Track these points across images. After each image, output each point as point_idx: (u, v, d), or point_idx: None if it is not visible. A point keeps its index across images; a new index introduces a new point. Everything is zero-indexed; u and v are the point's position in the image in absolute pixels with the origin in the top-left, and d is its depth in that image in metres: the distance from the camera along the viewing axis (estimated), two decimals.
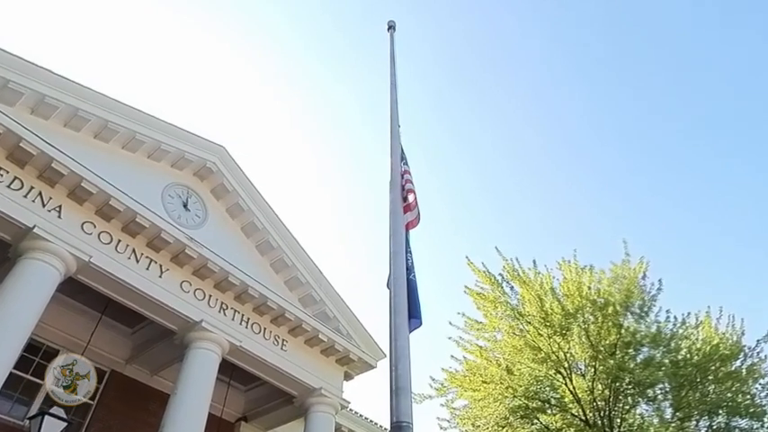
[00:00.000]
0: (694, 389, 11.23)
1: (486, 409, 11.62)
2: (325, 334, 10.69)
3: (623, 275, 12.33)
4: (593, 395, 11.44)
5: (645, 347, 11.86)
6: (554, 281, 12.45)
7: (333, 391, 10.82)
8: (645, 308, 12.17)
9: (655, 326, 12.18)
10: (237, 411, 11.93)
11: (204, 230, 9.86)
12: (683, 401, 11.30)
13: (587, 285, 12.03)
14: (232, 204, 10.70)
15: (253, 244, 10.97)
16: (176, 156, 9.87)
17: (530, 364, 11.81)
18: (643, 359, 11.66)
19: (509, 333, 12.31)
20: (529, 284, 12.27)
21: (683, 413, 11.39)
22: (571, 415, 11.57)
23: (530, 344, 11.84)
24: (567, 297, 11.98)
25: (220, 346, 9.14)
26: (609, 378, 11.25)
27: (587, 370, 11.83)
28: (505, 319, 12.38)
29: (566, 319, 11.60)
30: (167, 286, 8.81)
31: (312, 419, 10.46)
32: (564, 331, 11.62)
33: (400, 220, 4.58)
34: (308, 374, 10.52)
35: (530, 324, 11.91)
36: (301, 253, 11.24)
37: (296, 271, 11.11)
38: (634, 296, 12.08)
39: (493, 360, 12.20)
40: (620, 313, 11.79)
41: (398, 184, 4.99)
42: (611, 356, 11.29)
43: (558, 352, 11.68)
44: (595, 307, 11.67)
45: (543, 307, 11.82)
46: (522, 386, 11.55)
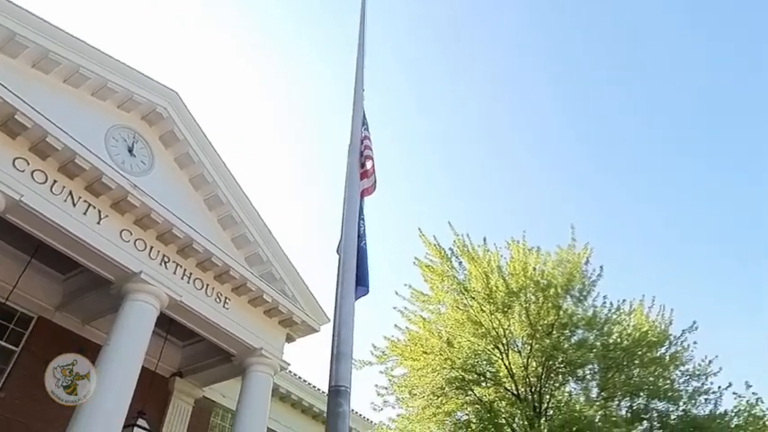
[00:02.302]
0: (620, 371, 11.82)
1: (424, 379, 11.85)
2: (269, 295, 10.53)
3: (567, 259, 12.70)
4: (526, 371, 11.86)
5: (580, 330, 12.34)
6: (501, 259, 12.70)
7: (273, 352, 10.75)
8: (584, 292, 12.63)
9: (591, 310, 12.68)
10: (173, 366, 11.71)
11: (149, 179, 9.39)
12: (608, 382, 11.89)
13: (533, 266, 12.33)
14: (182, 154, 10.23)
15: (201, 197, 10.58)
16: (124, 96, 9.27)
17: (470, 338, 12.09)
18: (577, 340, 12.14)
19: (453, 307, 12.52)
20: (477, 261, 12.45)
21: (607, 393, 12.01)
22: (504, 389, 11.97)
23: (472, 319, 12.09)
24: (513, 276, 12.25)
25: (159, 299, 8.84)
26: (543, 356, 11.67)
27: (524, 347, 12.23)
28: (451, 293, 12.56)
29: (509, 297, 11.87)
30: (106, 234, 8.38)
31: (250, 379, 10.38)
32: (506, 309, 11.91)
33: (356, 186, 4.44)
34: (248, 334, 10.39)
35: (474, 300, 12.14)
36: (251, 211, 10.94)
37: (244, 229, 10.83)
38: (575, 280, 12.49)
39: (435, 332, 12.40)
40: (560, 295, 12.18)
41: (357, 149, 4.82)
42: (548, 336, 11.70)
43: (498, 328, 11.99)
44: (538, 288, 11.99)
45: (488, 284, 12.04)
46: (461, 359, 11.82)
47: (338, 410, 2.83)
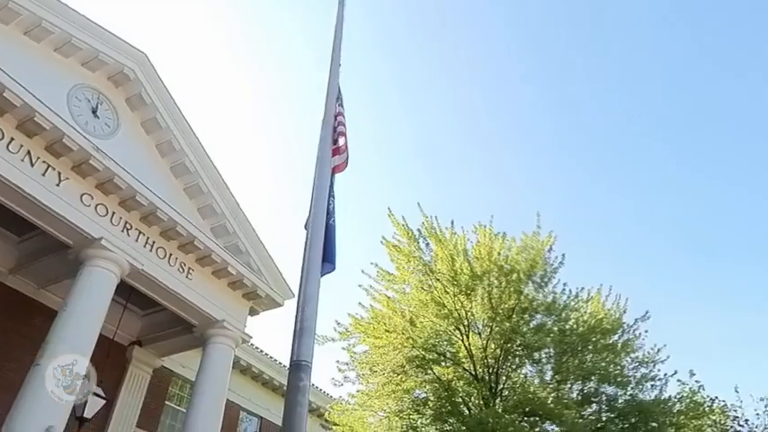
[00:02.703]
0: (575, 356, 12.22)
1: (386, 357, 12.01)
2: (234, 267, 10.43)
3: (532, 246, 12.94)
4: (485, 353, 12.14)
5: (539, 315, 12.66)
6: (468, 243, 12.85)
7: (235, 325, 10.70)
8: (545, 278, 12.92)
9: (551, 296, 13.01)
10: (131, 335, 11.53)
11: (114, 142, 9.09)
12: (562, 366, 12.29)
13: (498, 251, 12.53)
14: (149, 119, 9.92)
15: (167, 165, 10.32)
16: (89, 54, 8.88)
17: (432, 318, 12.27)
18: (535, 325, 12.46)
19: (418, 287, 12.65)
20: (444, 243, 12.58)
21: (561, 376, 12.42)
22: (463, 369, 12.25)
23: (435, 300, 12.26)
24: (478, 260, 12.43)
25: (120, 266, 8.64)
26: (502, 339, 11.96)
27: (484, 329, 12.50)
28: (416, 273, 12.68)
29: (473, 280, 12.07)
30: (65, 196, 8.11)
31: (211, 350, 10.32)
32: (469, 291, 12.11)
33: (327, 162, 4.40)
34: (211, 305, 10.29)
35: (438, 281, 12.29)
36: (219, 181, 10.75)
37: (211, 199, 10.65)
38: (538, 266, 12.76)
39: (398, 311, 12.53)
40: (522, 281, 12.44)
41: (330, 124, 4.75)
42: (508, 319, 11.97)
43: (460, 310, 12.20)
44: (501, 272, 12.21)
45: (454, 266, 12.20)
46: (422, 338, 12.01)
47: (299, 384, 2.84)
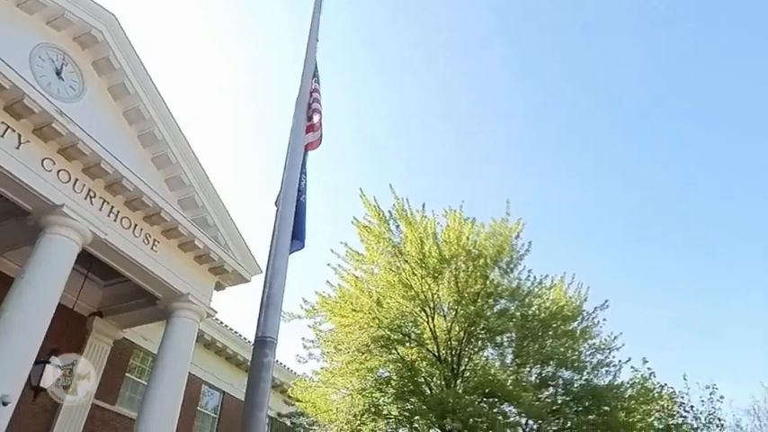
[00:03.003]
0: (535, 341, 12.57)
1: (351, 335, 12.11)
2: (201, 241, 10.28)
3: (500, 232, 13.15)
4: (449, 335, 12.37)
5: (503, 300, 12.94)
6: (437, 227, 12.97)
7: (200, 299, 10.58)
8: (511, 265, 13.19)
9: (516, 282, 13.30)
10: (92, 305, 11.29)
11: (79, 106, 8.77)
12: (523, 350, 12.64)
13: (466, 236, 12.69)
14: (116, 84, 9.58)
15: (135, 133, 10.02)
16: (54, 11, 8.49)
17: (399, 299, 12.40)
18: (499, 310, 12.75)
19: (386, 268, 12.74)
20: (414, 226, 12.67)
21: (521, 360, 12.78)
22: (426, 350, 12.46)
23: (403, 281, 12.37)
24: (446, 244, 12.57)
25: (81, 235, 8.40)
26: (466, 322, 12.19)
27: (449, 312, 12.71)
28: (385, 254, 12.75)
29: (440, 263, 12.21)
30: (25, 160, 7.81)
31: (174, 324, 10.20)
32: (436, 274, 12.27)
33: (300, 139, 4.34)
34: (176, 278, 10.14)
35: (407, 263, 12.40)
36: (188, 152, 10.52)
37: (180, 170, 10.41)
38: (504, 253, 13.00)
39: (366, 291, 12.62)
40: (488, 266, 12.66)
41: (305, 101, 4.68)
42: (473, 303, 12.20)
43: (426, 292, 12.36)
44: (469, 257, 12.40)
45: (422, 249, 12.31)
46: (388, 319, 12.14)
47: (263, 360, 2.84)
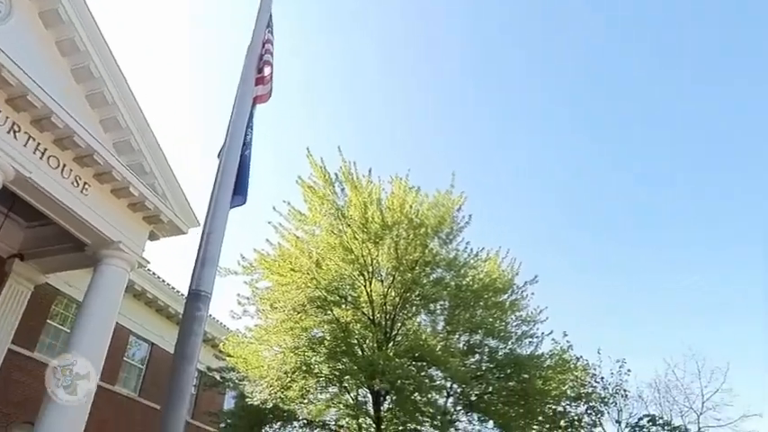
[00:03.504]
0: (466, 310, 13.06)
1: (288, 294, 12.11)
2: (136, 188, 9.84)
3: (442, 203, 13.40)
4: (385, 300, 12.63)
5: (440, 269, 13.30)
6: (382, 193, 13.04)
7: (132, 248, 10.21)
8: (451, 236, 13.52)
9: (453, 253, 13.68)
10: (12, 247, 10.66)
11: (4, 30, 8.03)
12: (454, 318, 13.12)
13: (410, 204, 12.84)
14: (49, 9, 8.82)
15: (68, 66, 9.33)
16: None
17: (339, 262, 12.48)
18: (435, 278, 13.10)
19: (328, 230, 12.74)
20: (359, 190, 12.66)
21: (451, 328, 13.28)
22: (362, 313, 12.68)
23: (344, 244, 12.43)
24: (389, 210, 12.69)
25: (2, 170, 7.83)
26: (403, 288, 12.47)
27: (387, 277, 12.94)
28: (328, 216, 12.73)
29: (382, 229, 12.34)
30: None
31: (102, 272, 9.81)
32: (377, 240, 12.40)
33: (249, 91, 4.18)
34: (107, 225, 9.70)
35: (349, 227, 12.44)
36: (127, 93, 9.93)
37: (116, 111, 9.83)
38: (445, 224, 13.29)
39: (306, 252, 12.59)
40: (429, 235, 12.93)
41: (257, 52, 4.49)
42: (411, 271, 12.46)
43: (366, 257, 12.50)
44: (411, 225, 12.58)
45: (366, 214, 12.37)
46: (326, 280, 12.21)
47: (196, 314, 2.80)
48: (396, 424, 12.06)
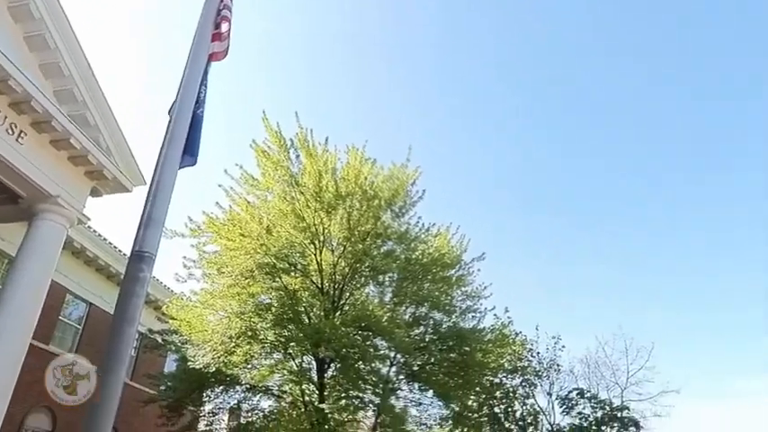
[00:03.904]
0: (414, 283, 13.31)
1: (236, 260, 11.94)
2: (78, 140, 9.34)
3: (397, 177, 13.45)
4: (335, 269, 12.67)
5: (390, 241, 13.44)
6: (338, 162, 12.94)
7: (72, 203, 9.74)
8: (404, 209, 13.64)
9: (405, 226, 13.83)
10: None
11: None
12: (401, 291, 13.35)
13: (365, 176, 12.81)
14: None
15: (4, 4, 8.63)
16: None
17: (290, 229, 12.37)
18: (385, 251, 13.24)
19: (280, 197, 12.57)
20: (314, 158, 12.51)
21: (398, 299, 13.51)
22: (310, 281, 12.69)
23: (296, 212, 12.32)
24: (344, 180, 12.63)
25: None
26: (353, 259, 12.54)
27: (338, 247, 12.96)
28: (281, 183, 12.55)
29: (336, 199, 12.29)
30: None
31: (38, 227, 9.34)
32: (330, 209, 12.35)
33: (205, 47, 4.00)
34: (44, 178, 9.20)
35: (302, 194, 12.32)
36: (70, 36, 9.30)
37: (58, 56, 9.22)
38: (399, 197, 13.37)
39: (256, 217, 12.40)
40: (382, 208, 12.99)
41: (215, 6, 4.30)
42: (362, 242, 12.53)
43: (318, 226, 12.45)
44: (364, 197, 12.59)
45: (320, 183, 12.27)
46: (276, 247, 12.10)
47: (138, 275, 2.72)
48: (339, 391, 12.28)
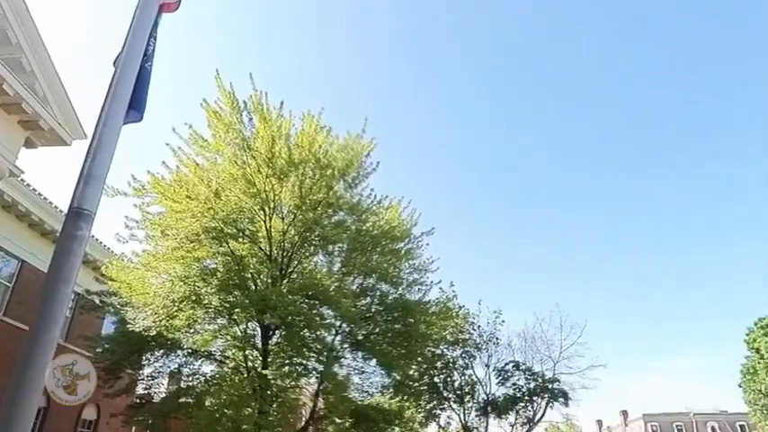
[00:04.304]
0: (363, 254, 13.41)
1: (182, 222, 11.59)
2: (11, 86, 8.71)
3: (352, 147, 13.36)
4: (284, 237, 12.55)
5: (342, 212, 13.42)
6: (292, 129, 12.69)
7: (3, 153, 9.14)
8: (357, 180, 13.61)
9: (357, 197, 13.84)
10: None
11: None
12: (350, 261, 13.43)
13: (319, 144, 12.64)
14: None
15: None
16: None
17: (240, 194, 12.10)
18: (336, 220, 13.22)
19: (231, 160, 12.24)
20: (268, 122, 12.20)
21: (346, 270, 13.59)
22: (259, 248, 12.53)
23: (247, 177, 12.04)
24: (298, 147, 12.41)
25: None
26: (303, 227, 12.44)
27: (288, 215, 12.82)
28: (233, 146, 12.20)
29: (288, 166, 12.08)
30: None
31: None
32: (282, 176, 12.15)
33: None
34: None
35: (254, 159, 12.03)
36: None
37: None
38: (353, 168, 13.31)
39: (205, 180, 12.04)
40: (335, 177, 12.90)
41: None
42: (313, 210, 12.43)
43: (269, 192, 12.24)
44: (318, 165, 12.44)
45: (273, 148, 12.00)
46: (225, 212, 11.81)
47: (76, 233, 2.59)
48: (282, 358, 12.32)
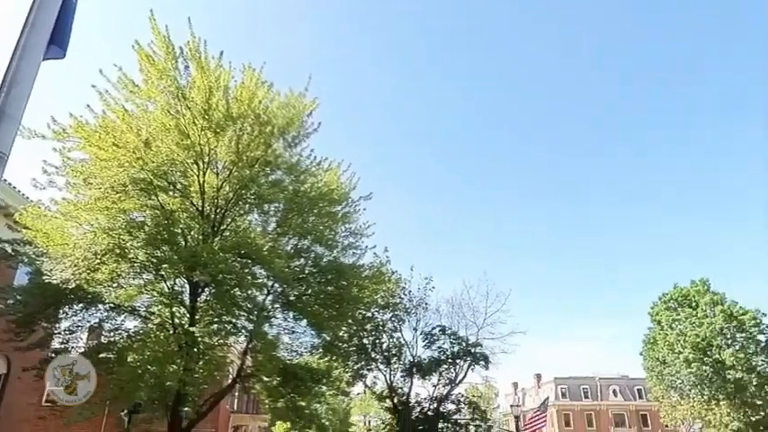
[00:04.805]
0: (299, 215, 13.28)
1: (107, 171, 10.95)
2: None
3: (294, 105, 13.03)
4: (218, 193, 12.19)
5: (280, 171, 13.17)
6: (232, 81, 12.17)
7: None
8: (297, 140, 13.35)
9: (296, 157, 13.61)
10: None
11: None
12: (286, 222, 13.28)
13: (259, 99, 12.23)
14: None
15: None
16: None
17: (172, 146, 11.56)
18: (273, 179, 12.96)
19: (164, 109, 11.61)
20: (206, 72, 11.62)
21: (281, 230, 13.45)
22: (190, 203, 12.11)
23: (180, 128, 11.50)
24: (237, 101, 11.96)
25: None
26: (239, 184, 12.12)
27: (223, 171, 12.43)
28: (166, 94, 11.55)
29: (226, 120, 11.64)
30: None
31: None
32: (219, 130, 11.71)
33: None
34: None
35: (189, 110, 11.48)
36: None
37: None
38: (293, 126, 13.03)
39: (134, 128, 11.37)
40: (274, 135, 12.58)
41: None
42: (250, 168, 12.12)
43: (204, 146, 11.78)
44: (257, 121, 12.06)
45: (210, 100, 11.49)
46: (155, 163, 11.26)
47: None
48: (211, 315, 12.14)
